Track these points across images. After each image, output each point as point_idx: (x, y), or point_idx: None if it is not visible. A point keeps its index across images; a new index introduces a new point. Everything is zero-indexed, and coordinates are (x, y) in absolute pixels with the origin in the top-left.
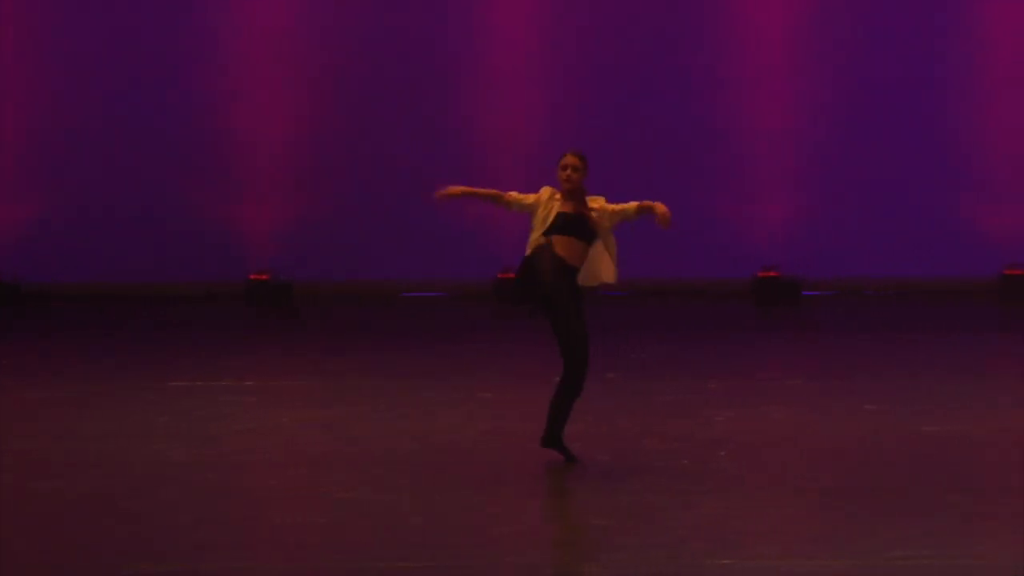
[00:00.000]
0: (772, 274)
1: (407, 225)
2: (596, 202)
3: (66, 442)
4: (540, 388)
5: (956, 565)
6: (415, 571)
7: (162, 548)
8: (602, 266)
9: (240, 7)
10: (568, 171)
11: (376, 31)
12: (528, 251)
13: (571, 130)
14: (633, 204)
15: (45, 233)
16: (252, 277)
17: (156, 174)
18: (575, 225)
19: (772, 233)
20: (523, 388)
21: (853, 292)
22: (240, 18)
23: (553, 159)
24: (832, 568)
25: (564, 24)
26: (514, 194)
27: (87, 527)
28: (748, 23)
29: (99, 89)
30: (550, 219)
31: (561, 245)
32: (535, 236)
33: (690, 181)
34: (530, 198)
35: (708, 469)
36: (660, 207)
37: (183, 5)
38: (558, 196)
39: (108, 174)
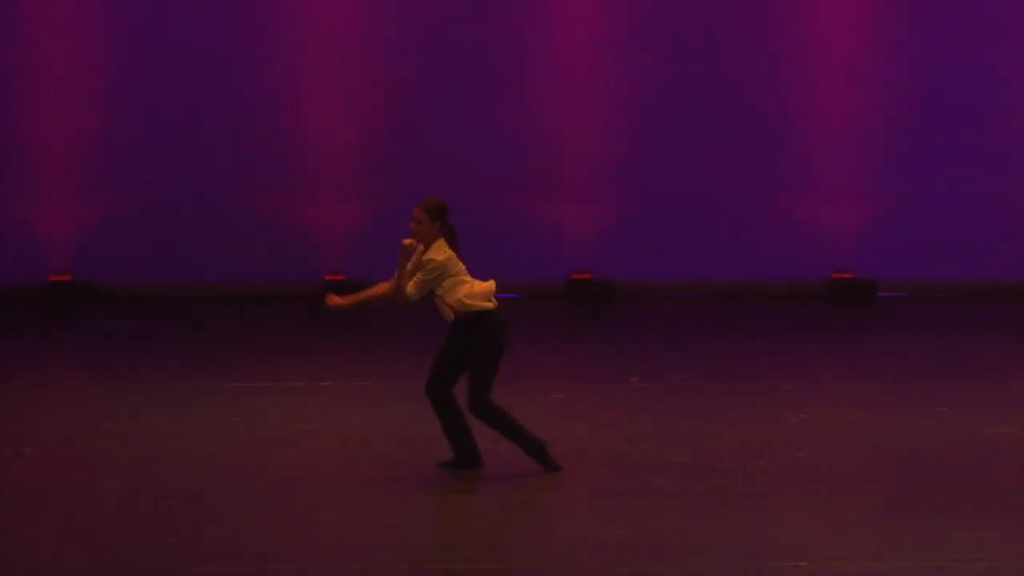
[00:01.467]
0: (847, 276)
1: (477, 226)
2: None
3: (138, 443)
4: (612, 390)
5: None
6: (484, 572)
7: (228, 549)
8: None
9: (305, 5)
10: (413, 223)
11: (439, 32)
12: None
13: (640, 132)
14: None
15: (114, 233)
16: (328, 278)
17: (229, 175)
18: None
19: (847, 234)
20: (594, 390)
21: (928, 294)
22: (306, 16)
23: (614, 162)
24: (902, 571)
25: (634, 28)
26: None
27: (157, 527)
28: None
29: (163, 88)
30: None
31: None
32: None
33: (765, 182)
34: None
35: (782, 471)
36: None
37: (247, 3)
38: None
39: (180, 174)
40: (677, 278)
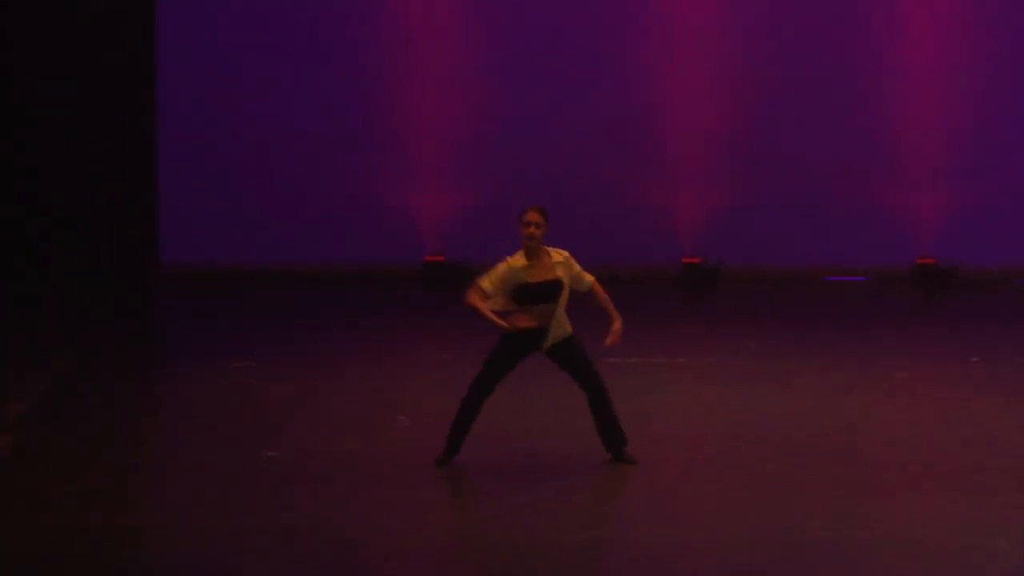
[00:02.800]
0: None
1: (824, 213)
2: (560, 255)
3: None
4: (958, 369)
5: None
6: (834, 541)
7: (593, 516)
8: (563, 321)
9: (659, 5)
10: (532, 228)
11: (805, 31)
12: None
13: (982, 127)
14: (590, 279)
15: (482, 219)
16: (685, 260)
17: (588, 165)
18: (545, 293)
19: None
20: (940, 372)
21: None
22: (659, 16)
23: (961, 154)
24: None
25: (981, 23)
26: (489, 288)
27: (511, 497)
28: None
29: (527, 85)
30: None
31: (536, 314)
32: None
33: None
34: (497, 280)
35: None
36: (616, 324)
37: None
38: (520, 263)
39: (541, 165)
40: (1017, 264)
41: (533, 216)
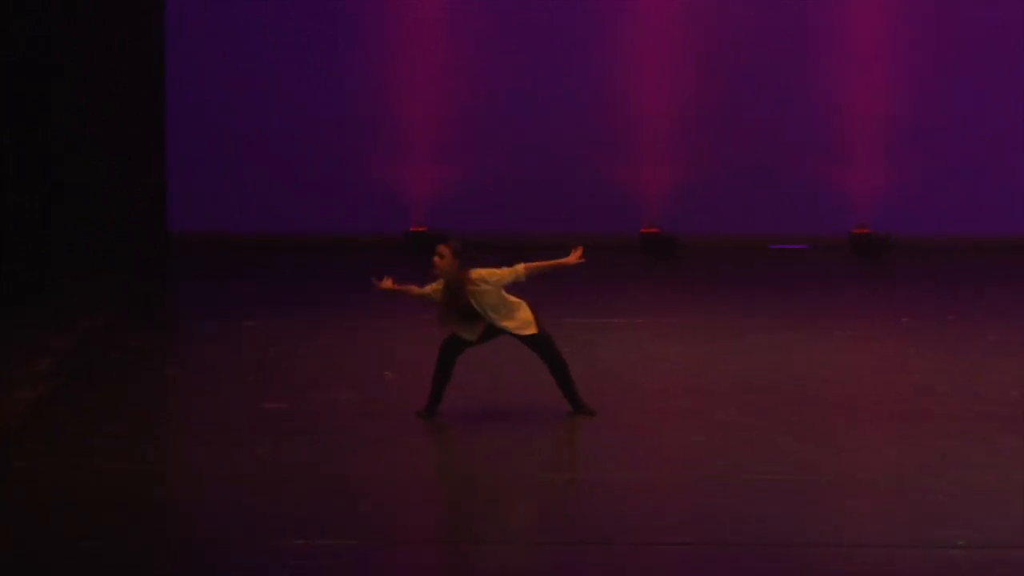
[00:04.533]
0: None
1: (771, 184)
2: (473, 284)
3: (488, 369)
4: (891, 328)
5: None
6: (783, 481)
7: (565, 460)
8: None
9: None
10: (435, 258)
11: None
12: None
13: (915, 109)
14: (520, 269)
15: (463, 191)
16: (644, 231)
17: (560, 141)
18: (465, 314)
19: None
20: (874, 330)
21: None
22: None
23: (894, 134)
24: None
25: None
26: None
27: (506, 438)
28: None
29: (516, 72)
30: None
31: (460, 329)
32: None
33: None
34: (427, 289)
35: None
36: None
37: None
38: (435, 288)
39: (527, 140)
40: (950, 233)
41: (439, 248)
